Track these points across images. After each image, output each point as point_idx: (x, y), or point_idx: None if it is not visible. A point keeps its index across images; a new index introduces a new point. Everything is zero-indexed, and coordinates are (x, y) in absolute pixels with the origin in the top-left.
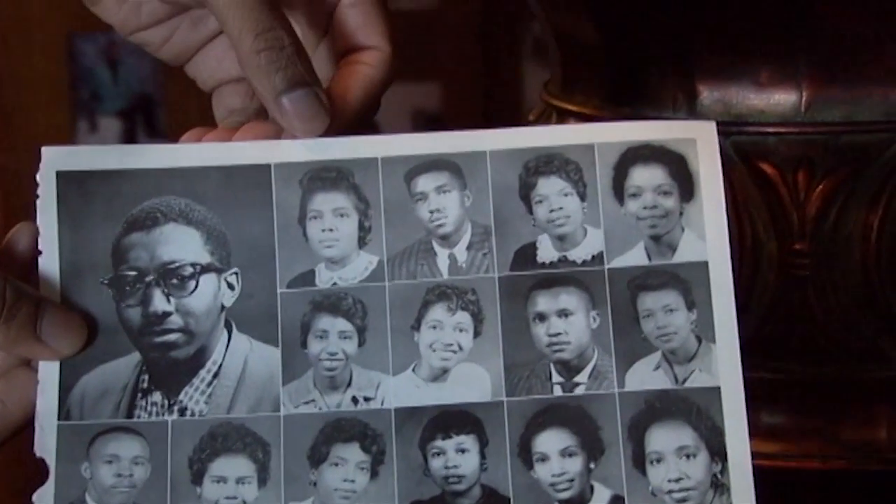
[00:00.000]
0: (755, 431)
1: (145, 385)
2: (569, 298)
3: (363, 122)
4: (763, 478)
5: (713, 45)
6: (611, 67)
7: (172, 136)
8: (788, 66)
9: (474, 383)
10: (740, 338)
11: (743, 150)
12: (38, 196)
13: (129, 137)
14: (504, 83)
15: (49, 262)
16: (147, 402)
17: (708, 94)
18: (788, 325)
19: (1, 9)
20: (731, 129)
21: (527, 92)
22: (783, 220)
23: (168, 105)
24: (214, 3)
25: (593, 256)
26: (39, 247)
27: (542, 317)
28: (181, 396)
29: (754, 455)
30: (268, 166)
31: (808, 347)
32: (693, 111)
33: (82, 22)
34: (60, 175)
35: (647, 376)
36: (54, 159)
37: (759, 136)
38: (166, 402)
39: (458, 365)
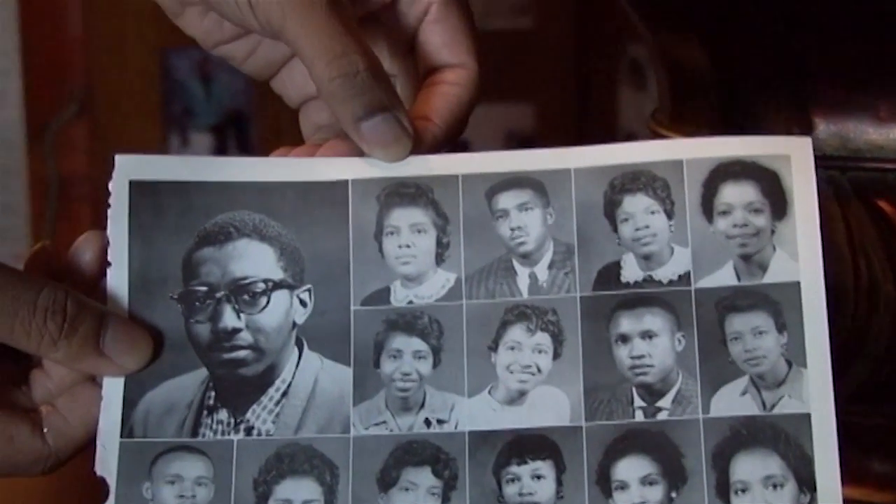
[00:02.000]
0: (867, 479)
1: (211, 402)
2: (653, 319)
3: (450, 142)
4: None
5: (831, 76)
6: (723, 96)
7: (264, 152)
8: None
9: (552, 407)
10: (855, 382)
11: (860, 187)
12: (109, 205)
13: (221, 153)
14: (598, 107)
15: (118, 275)
16: (213, 420)
17: (824, 128)
18: None
19: (95, 23)
20: (848, 165)
21: (621, 116)
22: None
23: (260, 121)
24: (286, 33)
25: (680, 276)
26: (108, 258)
27: (624, 338)
28: (248, 415)
29: (844, 501)
30: (345, 182)
31: None
32: None
33: (175, 37)
34: (133, 184)
35: (733, 402)
36: (128, 168)
37: (878, 172)
38: (232, 420)
39: (536, 388)
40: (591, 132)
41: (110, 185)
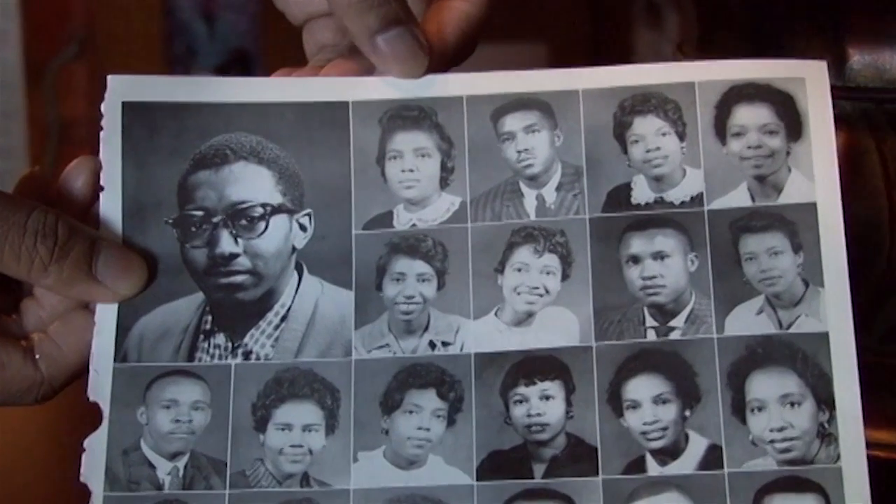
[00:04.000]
0: (881, 422)
1: (208, 326)
2: (665, 240)
3: (458, 62)
4: (887, 470)
5: (865, 4)
6: (753, 26)
7: None
8: None
9: (561, 327)
10: (888, 322)
11: None
12: (101, 128)
13: None
14: (612, 48)
15: (111, 199)
16: (209, 345)
17: (859, 58)
18: None
19: None
20: (883, 96)
21: (636, 58)
22: None
23: (265, 61)
24: None
25: (692, 198)
26: (101, 182)
27: (635, 259)
28: (246, 339)
29: (875, 445)
30: (346, 104)
31: None
32: (842, 76)
33: None
34: (126, 106)
35: (748, 321)
36: (120, 89)
37: None
38: (230, 344)
39: (544, 308)
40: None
41: (102, 107)
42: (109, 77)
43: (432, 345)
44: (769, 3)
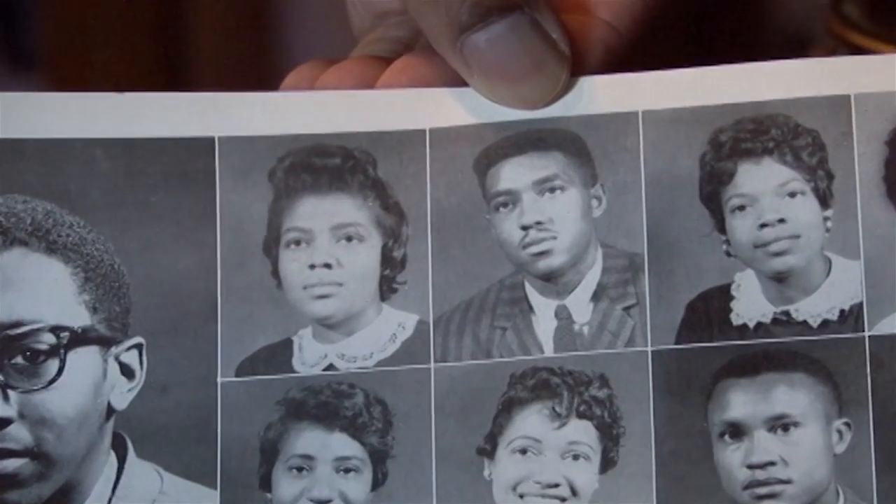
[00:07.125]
0: None
1: None
2: (792, 395)
3: (626, 56)
4: None
5: None
6: None
7: (57, 70)
8: None
9: None
10: None
11: None
12: None
13: None
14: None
15: None
16: None
17: None
18: None
19: None
20: None
21: (773, 8)
22: None
23: (45, 11)
24: None
25: (842, 314)
26: None
27: (736, 430)
28: None
29: None
30: (209, 141)
31: None
32: None
33: None
34: None
35: None
36: None
37: None
38: None
39: None
40: (717, 41)
41: None
42: None
43: None
44: None
